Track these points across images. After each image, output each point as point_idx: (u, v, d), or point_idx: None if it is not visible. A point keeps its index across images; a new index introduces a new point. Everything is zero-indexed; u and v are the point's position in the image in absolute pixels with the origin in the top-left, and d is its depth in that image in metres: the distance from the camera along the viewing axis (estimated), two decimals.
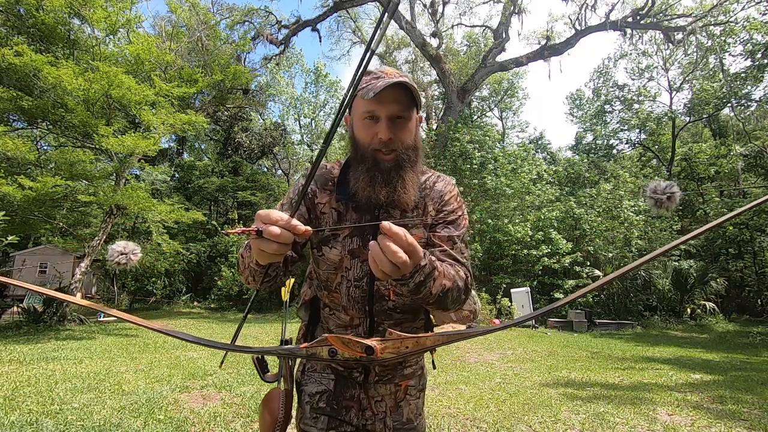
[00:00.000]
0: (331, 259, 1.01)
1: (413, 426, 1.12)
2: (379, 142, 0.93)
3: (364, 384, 1.09)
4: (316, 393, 1.09)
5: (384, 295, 1.01)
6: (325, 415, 1.06)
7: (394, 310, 1.03)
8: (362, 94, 0.91)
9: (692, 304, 12.61)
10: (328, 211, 1.02)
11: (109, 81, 8.57)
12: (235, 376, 4.70)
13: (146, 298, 16.74)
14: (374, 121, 0.94)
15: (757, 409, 3.74)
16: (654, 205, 0.80)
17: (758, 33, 14.47)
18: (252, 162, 24.29)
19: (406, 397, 1.12)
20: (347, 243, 1.00)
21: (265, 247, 0.70)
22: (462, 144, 14.34)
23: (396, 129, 0.94)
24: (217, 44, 15.51)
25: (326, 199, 1.02)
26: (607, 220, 13.73)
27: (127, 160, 10.11)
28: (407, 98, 0.93)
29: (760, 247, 15.01)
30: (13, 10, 9.25)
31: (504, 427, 3.21)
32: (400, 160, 0.95)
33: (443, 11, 19.16)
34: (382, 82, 0.89)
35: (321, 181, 1.04)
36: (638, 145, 23.08)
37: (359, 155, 0.97)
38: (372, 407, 1.09)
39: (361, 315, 1.02)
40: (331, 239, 1.01)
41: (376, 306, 1.01)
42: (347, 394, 1.08)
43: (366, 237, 0.99)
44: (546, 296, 12.56)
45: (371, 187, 0.94)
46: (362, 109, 0.94)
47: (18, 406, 3.43)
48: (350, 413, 1.07)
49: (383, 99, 0.91)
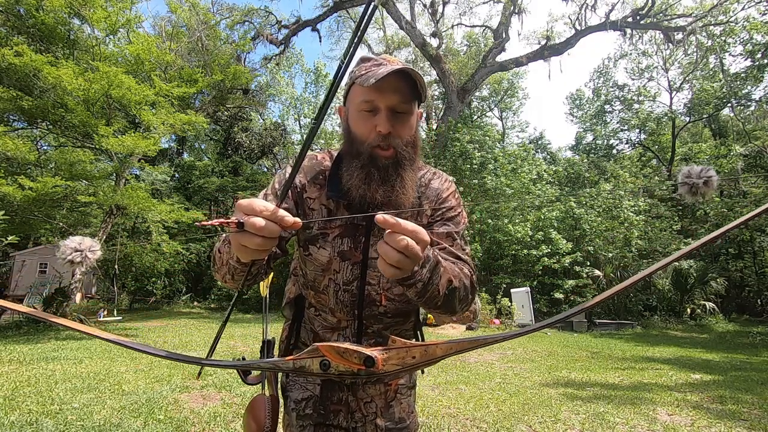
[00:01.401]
0: (320, 260, 0.93)
1: (406, 425, 1.07)
2: (378, 136, 0.84)
3: (353, 386, 1.03)
4: (302, 399, 1.03)
5: (375, 300, 0.95)
6: (312, 423, 1.00)
7: (385, 314, 0.97)
8: (361, 81, 0.81)
9: (692, 304, 12.61)
10: (317, 208, 0.93)
11: (109, 81, 8.56)
12: (235, 376, 4.69)
13: (146, 298, 16.74)
14: (373, 113, 0.85)
15: (757, 409, 3.74)
16: (688, 192, 0.68)
17: (758, 33, 14.46)
18: (252, 162, 24.29)
19: (397, 396, 1.07)
20: (337, 244, 0.92)
21: (247, 242, 0.60)
22: (462, 144, 14.35)
23: (396, 122, 0.85)
24: (217, 44, 15.52)
25: (316, 194, 0.93)
26: (607, 220, 13.73)
27: (127, 160, 10.11)
28: (410, 90, 0.84)
29: (760, 247, 15.01)
30: (13, 10, 9.25)
31: (504, 427, 3.21)
32: (399, 158, 0.86)
33: (443, 11, 19.18)
34: (384, 69, 0.80)
35: (311, 174, 0.95)
36: (638, 145, 23.08)
37: (354, 150, 0.87)
38: (361, 409, 1.04)
39: (349, 318, 0.96)
40: (319, 238, 0.93)
41: (366, 311, 0.95)
42: (334, 398, 1.02)
43: (358, 239, 0.92)
44: (546, 296, 12.56)
45: (366, 185, 0.84)
46: (360, 99, 0.85)
47: (18, 406, 3.43)
48: (338, 417, 1.02)
49: (384, 88, 0.82)
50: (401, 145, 0.86)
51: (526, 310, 11.15)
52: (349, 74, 0.90)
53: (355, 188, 0.85)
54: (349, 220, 0.92)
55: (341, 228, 0.92)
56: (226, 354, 6.21)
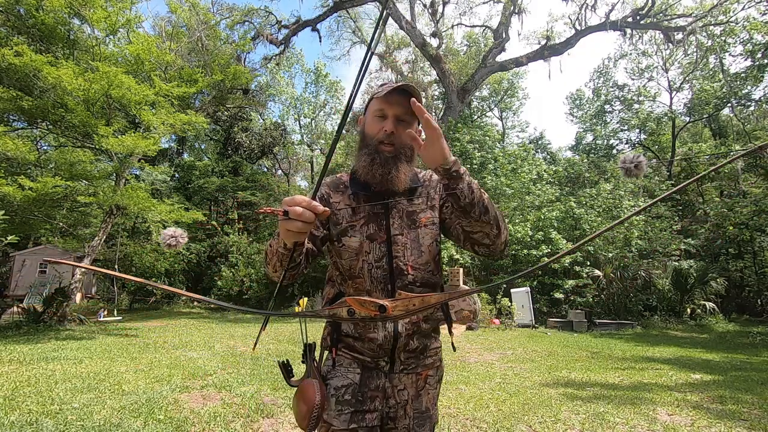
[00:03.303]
0: (352, 246, 1.14)
1: (429, 415, 1.20)
2: (383, 133, 1.11)
3: (390, 374, 1.17)
4: (341, 386, 1.15)
5: (403, 271, 1.14)
6: (350, 407, 1.12)
7: (414, 284, 1.14)
8: (377, 94, 1.13)
9: (692, 304, 12.60)
10: (342, 207, 1.18)
11: (109, 81, 8.56)
12: (235, 376, 4.70)
13: (146, 298, 16.74)
14: (382, 118, 1.12)
15: (757, 409, 3.74)
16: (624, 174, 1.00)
17: (758, 33, 14.46)
18: (252, 162, 24.29)
19: (426, 386, 1.21)
20: (364, 230, 1.15)
21: (291, 225, 0.81)
22: (462, 144, 14.35)
23: (399, 127, 1.11)
24: (217, 44, 15.52)
25: (339, 198, 1.20)
26: (607, 220, 13.73)
27: (127, 160, 10.11)
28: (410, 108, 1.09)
29: (760, 247, 15.01)
30: (13, 10, 9.24)
31: (504, 427, 3.21)
32: (398, 153, 1.12)
33: (443, 11, 19.17)
34: (392, 86, 1.09)
35: (333, 186, 1.23)
36: (638, 145, 23.07)
37: (365, 144, 1.15)
38: (395, 395, 1.17)
39: (383, 296, 1.12)
40: (349, 230, 1.15)
41: (398, 282, 1.13)
42: (372, 385, 1.15)
43: (380, 223, 1.15)
44: (546, 296, 12.56)
45: (369, 167, 1.11)
46: (374, 108, 1.14)
47: (18, 406, 3.43)
48: (375, 402, 1.15)
49: (392, 101, 1.10)
50: (401, 145, 1.12)
51: (526, 310, 11.15)
52: (371, 92, 1.22)
53: (362, 170, 1.13)
54: (370, 210, 1.16)
55: (365, 217, 1.16)
56: (226, 354, 6.21)
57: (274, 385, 4.32)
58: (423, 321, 1.16)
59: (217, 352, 6.34)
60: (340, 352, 1.19)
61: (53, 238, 15.20)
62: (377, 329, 1.14)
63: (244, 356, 6.04)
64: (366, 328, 1.15)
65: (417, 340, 1.17)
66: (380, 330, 1.13)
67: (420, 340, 1.17)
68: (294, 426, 3.17)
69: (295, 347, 6.94)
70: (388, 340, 1.13)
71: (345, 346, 1.19)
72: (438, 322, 1.22)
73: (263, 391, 4.07)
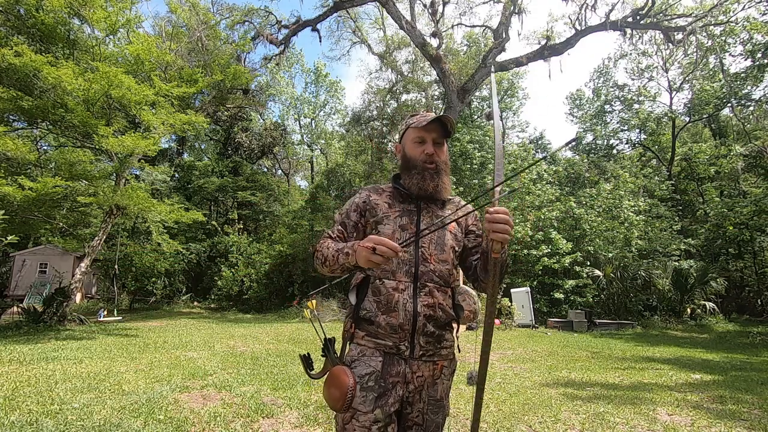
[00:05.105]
0: (386, 233, 1.33)
1: (443, 404, 1.33)
2: (426, 156, 1.38)
3: (410, 359, 1.28)
4: (365, 374, 1.25)
5: (427, 259, 1.32)
6: (374, 393, 1.23)
7: (434, 273, 1.32)
8: (416, 125, 1.40)
9: (692, 304, 12.59)
10: (381, 203, 1.41)
11: (109, 81, 8.56)
12: (235, 376, 4.70)
13: (146, 298, 16.73)
14: (422, 143, 1.40)
15: (757, 409, 3.73)
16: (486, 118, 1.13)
17: (758, 33, 14.44)
18: (252, 162, 24.29)
19: (441, 376, 1.33)
20: (397, 222, 1.37)
21: (375, 259, 1.11)
22: (462, 144, 14.34)
23: (436, 149, 1.39)
24: (217, 44, 15.51)
25: (379, 197, 1.43)
26: (607, 220, 13.72)
27: (127, 160, 10.10)
28: (443, 130, 1.39)
29: (760, 247, 15.02)
30: (13, 10, 9.24)
31: (504, 427, 3.21)
32: (439, 169, 1.40)
33: (443, 11, 19.14)
34: (430, 116, 1.36)
35: (373, 190, 1.47)
36: (638, 145, 23.06)
37: (410, 165, 1.40)
38: (414, 381, 1.28)
39: (407, 279, 1.29)
40: (384, 219, 1.37)
41: (421, 267, 1.31)
42: (393, 371, 1.26)
43: (412, 217, 1.38)
44: (546, 296, 12.55)
45: (422, 182, 1.37)
46: (414, 135, 1.41)
47: (18, 406, 3.43)
48: (396, 387, 1.25)
49: (429, 128, 1.38)
50: (440, 162, 1.40)
51: (526, 310, 11.14)
52: (405, 122, 1.48)
53: (415, 185, 1.39)
54: (406, 207, 1.40)
55: (399, 211, 1.39)
56: (226, 354, 6.21)
57: (274, 385, 4.32)
58: (438, 307, 1.30)
59: (217, 352, 6.34)
60: (363, 341, 1.30)
61: (53, 238, 15.19)
62: (398, 309, 1.27)
63: (244, 356, 6.04)
64: (389, 305, 1.28)
65: (433, 326, 1.29)
66: (401, 311, 1.26)
67: (436, 327, 1.30)
68: (294, 426, 3.17)
69: (295, 347, 6.94)
70: (408, 320, 1.26)
71: (367, 334, 1.30)
72: (449, 317, 1.34)
73: (263, 391, 4.07)
